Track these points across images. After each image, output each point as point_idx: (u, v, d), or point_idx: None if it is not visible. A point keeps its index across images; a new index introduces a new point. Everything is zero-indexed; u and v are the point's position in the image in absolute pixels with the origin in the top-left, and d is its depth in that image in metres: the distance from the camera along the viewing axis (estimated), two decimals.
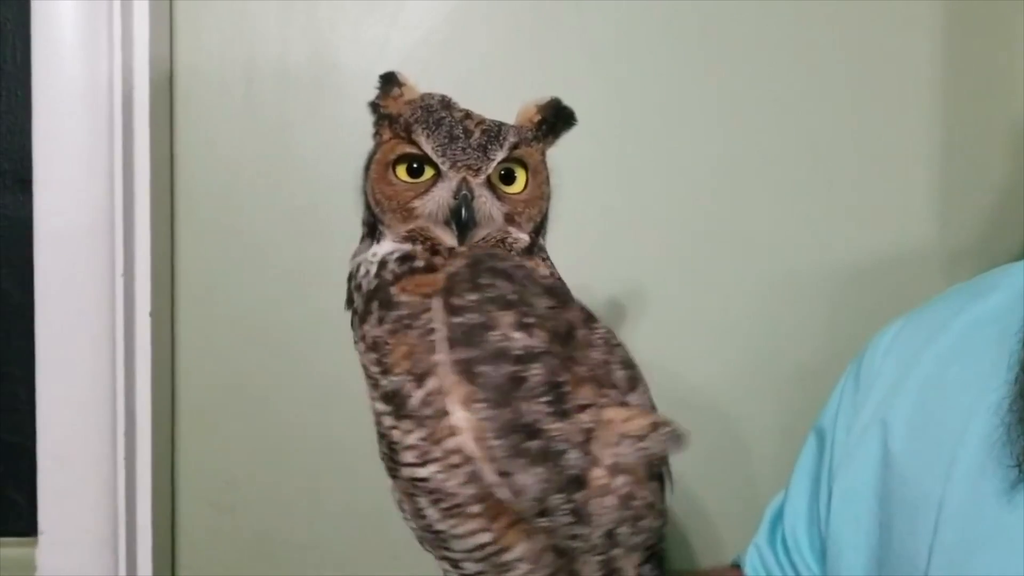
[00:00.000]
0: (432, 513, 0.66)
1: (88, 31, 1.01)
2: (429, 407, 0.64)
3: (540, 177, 0.71)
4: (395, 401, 0.65)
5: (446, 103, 0.68)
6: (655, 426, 0.67)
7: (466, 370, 0.63)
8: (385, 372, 0.65)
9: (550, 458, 0.64)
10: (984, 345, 0.75)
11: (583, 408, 0.66)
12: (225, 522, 1.13)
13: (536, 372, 0.64)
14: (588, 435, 0.66)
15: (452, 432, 0.64)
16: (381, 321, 0.65)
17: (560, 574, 0.67)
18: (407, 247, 0.67)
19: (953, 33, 1.11)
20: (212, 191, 1.11)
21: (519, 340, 0.63)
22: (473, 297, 0.64)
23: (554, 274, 0.72)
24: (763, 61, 1.11)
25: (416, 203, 0.67)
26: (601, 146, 1.10)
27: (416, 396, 0.64)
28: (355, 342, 0.69)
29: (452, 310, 0.63)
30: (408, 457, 0.65)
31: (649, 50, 1.11)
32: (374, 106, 0.71)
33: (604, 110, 1.11)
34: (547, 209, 0.72)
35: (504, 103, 1.10)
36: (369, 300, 0.66)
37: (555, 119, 0.72)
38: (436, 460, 0.64)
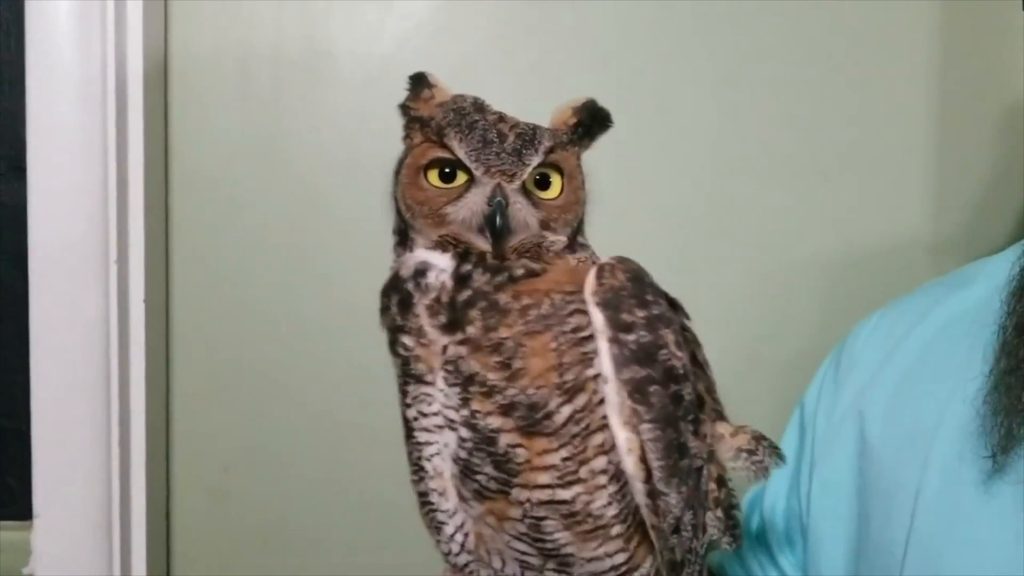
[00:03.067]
0: (564, 536, 0.63)
1: (82, 18, 1.00)
2: (577, 425, 0.61)
3: (575, 182, 0.68)
4: (528, 416, 0.61)
5: (479, 105, 0.65)
6: (758, 440, 0.69)
7: (637, 390, 0.61)
8: (514, 379, 0.61)
9: (692, 476, 0.65)
10: (961, 336, 0.76)
11: (704, 424, 0.67)
12: (220, 507, 1.13)
13: (688, 391, 0.64)
14: (709, 451, 0.68)
15: (601, 451, 0.62)
16: (492, 327, 0.61)
17: None
18: (448, 255, 0.64)
19: (947, 27, 1.11)
20: (207, 177, 1.11)
21: (680, 359, 0.64)
22: (642, 314, 0.63)
23: None
24: (756, 54, 1.11)
25: (448, 209, 0.64)
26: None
27: (563, 412, 0.61)
28: (408, 347, 0.64)
29: (622, 327, 0.62)
30: (542, 478, 0.61)
31: (645, 41, 1.11)
32: (404, 108, 0.68)
33: (600, 99, 1.10)
34: (583, 213, 0.70)
35: (500, 90, 1.10)
36: (461, 308, 0.62)
37: (591, 121, 0.69)
38: (581, 481, 0.62)
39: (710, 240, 1.13)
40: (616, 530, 0.63)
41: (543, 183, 0.66)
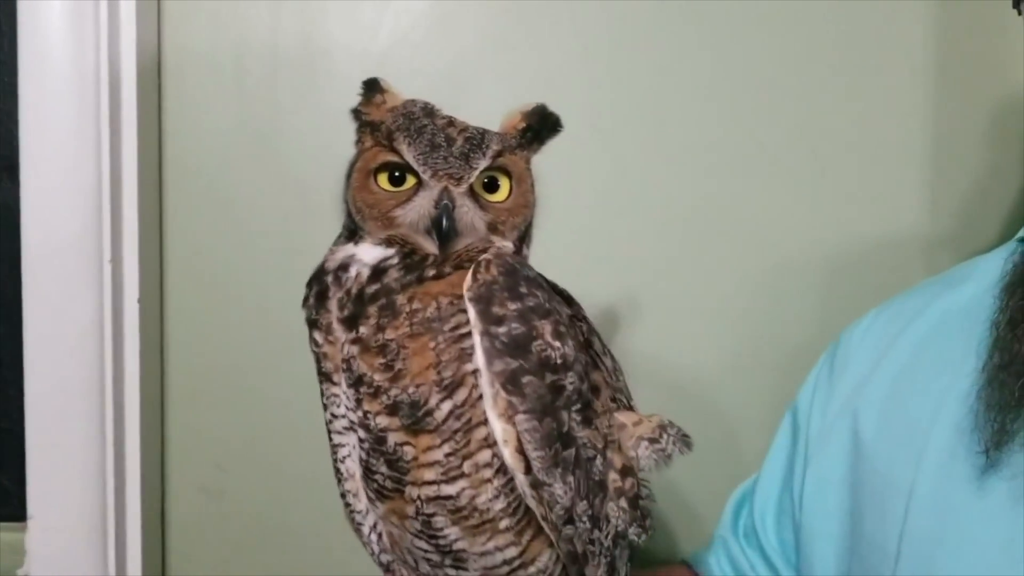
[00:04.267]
0: (454, 532, 0.64)
1: (75, 16, 1.00)
2: (458, 420, 0.62)
3: (524, 185, 0.69)
4: (411, 414, 0.62)
5: (429, 110, 0.66)
6: (663, 428, 0.70)
7: (510, 381, 0.62)
8: (396, 379, 0.62)
9: (581, 466, 0.65)
10: (955, 334, 0.76)
11: (600, 414, 0.67)
12: (215, 507, 1.13)
13: (571, 380, 0.65)
14: (606, 440, 0.68)
15: (485, 445, 0.63)
16: (382, 327, 0.63)
17: None
18: (392, 251, 0.65)
19: (943, 24, 1.11)
20: (201, 176, 1.11)
21: (559, 349, 0.64)
22: (515, 306, 0.63)
23: None
24: (752, 51, 1.11)
25: (397, 212, 0.65)
26: (592, 131, 1.10)
27: (443, 408, 0.62)
28: (318, 343, 0.66)
29: (493, 320, 0.62)
30: (428, 475, 0.63)
31: (641, 38, 1.11)
32: (356, 113, 0.69)
33: (595, 96, 1.11)
34: (532, 217, 0.70)
35: (495, 87, 1.12)
36: (366, 303, 0.64)
37: (540, 126, 0.70)
38: (465, 476, 0.63)
39: (706, 237, 1.13)
40: (504, 523, 0.64)
41: (491, 186, 0.67)
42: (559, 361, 0.64)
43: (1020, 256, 0.74)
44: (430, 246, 0.64)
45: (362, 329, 0.63)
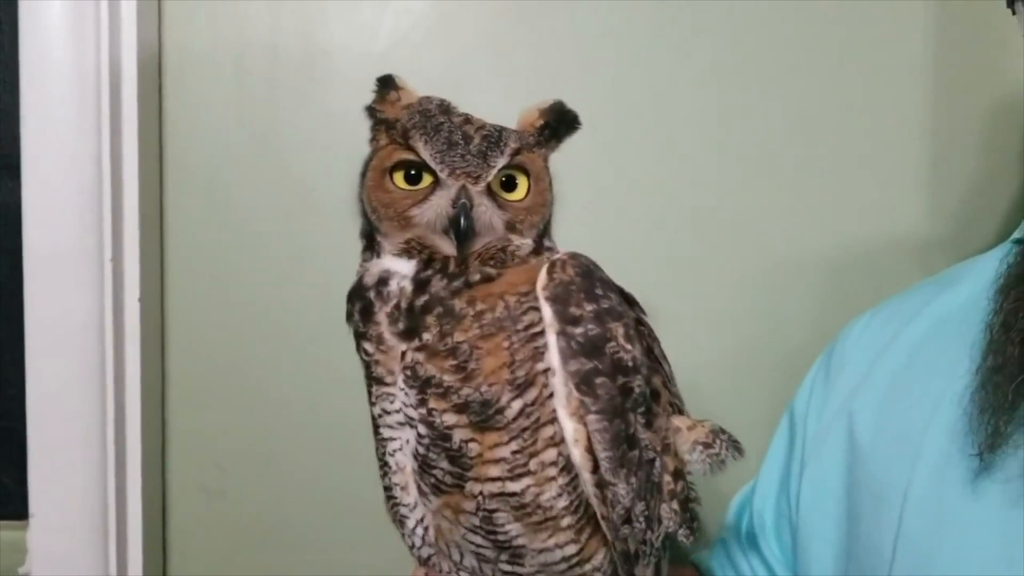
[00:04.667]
0: (515, 528, 0.64)
1: (76, 16, 1.01)
2: (528, 418, 0.63)
3: (542, 184, 0.68)
4: (481, 412, 0.62)
5: (445, 107, 0.66)
6: (715, 434, 0.70)
7: (584, 381, 0.63)
8: (468, 379, 0.62)
9: (643, 467, 0.66)
10: (951, 336, 0.76)
11: (659, 417, 0.68)
12: (215, 506, 1.14)
13: (639, 383, 0.65)
14: (663, 443, 0.68)
15: (551, 443, 0.63)
16: (447, 333, 0.63)
17: None
18: (415, 261, 0.65)
19: (941, 25, 1.12)
20: (201, 175, 1.11)
21: (630, 352, 0.65)
22: (591, 307, 0.64)
23: None
24: (751, 52, 1.11)
25: (414, 211, 0.64)
26: (591, 133, 1.09)
27: (513, 407, 0.62)
28: (369, 352, 0.66)
29: (570, 320, 0.63)
30: (493, 471, 0.63)
31: (640, 39, 1.11)
32: (370, 110, 0.69)
33: (595, 97, 1.11)
34: (550, 216, 0.70)
35: (495, 87, 1.12)
36: (419, 314, 0.63)
37: (558, 123, 0.69)
38: (531, 473, 0.63)
39: (704, 238, 1.13)
40: (566, 521, 0.65)
41: (509, 185, 0.66)
42: (630, 364, 0.65)
43: (1015, 257, 0.73)
44: (447, 247, 0.64)
45: (426, 336, 0.63)
